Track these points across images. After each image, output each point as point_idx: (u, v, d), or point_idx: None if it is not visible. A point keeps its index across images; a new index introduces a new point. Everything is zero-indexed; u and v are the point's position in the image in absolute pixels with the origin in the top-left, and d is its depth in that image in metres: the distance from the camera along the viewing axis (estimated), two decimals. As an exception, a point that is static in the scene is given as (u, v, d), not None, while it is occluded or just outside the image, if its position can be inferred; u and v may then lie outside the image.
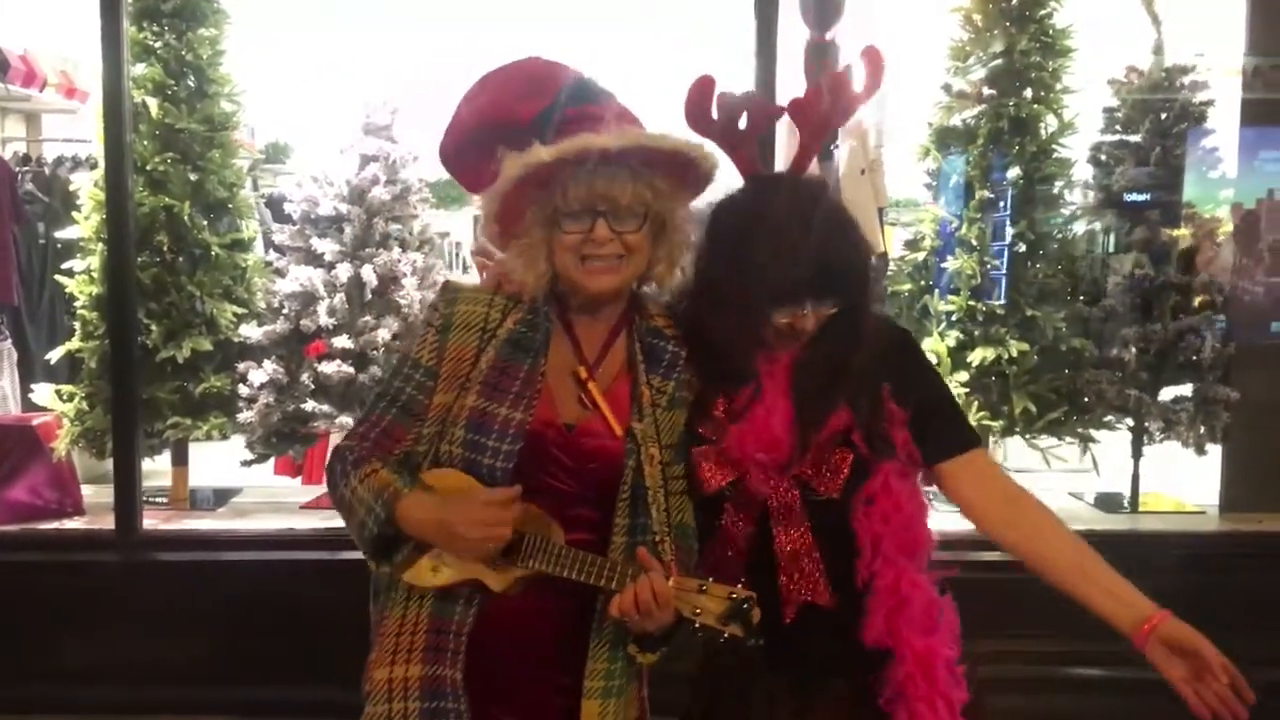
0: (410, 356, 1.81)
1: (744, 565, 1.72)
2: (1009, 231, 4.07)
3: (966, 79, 4.15)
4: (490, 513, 1.63)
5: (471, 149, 1.87)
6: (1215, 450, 4.20)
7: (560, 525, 1.70)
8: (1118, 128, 4.30)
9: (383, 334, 4.01)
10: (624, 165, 1.70)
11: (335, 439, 4.77)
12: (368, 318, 4.05)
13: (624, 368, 1.81)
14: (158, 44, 4.03)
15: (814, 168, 4.11)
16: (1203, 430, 4.11)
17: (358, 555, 3.95)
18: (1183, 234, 4.19)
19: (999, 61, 4.04)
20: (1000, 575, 2.21)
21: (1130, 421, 4.19)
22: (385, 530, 1.69)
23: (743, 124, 1.84)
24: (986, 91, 4.12)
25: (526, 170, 1.68)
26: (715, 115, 1.82)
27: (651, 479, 1.73)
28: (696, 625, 1.60)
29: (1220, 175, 4.16)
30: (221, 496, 4.36)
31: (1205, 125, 4.21)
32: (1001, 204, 4.09)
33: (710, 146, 1.80)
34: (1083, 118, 4.18)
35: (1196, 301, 4.19)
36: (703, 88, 1.82)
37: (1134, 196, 4.24)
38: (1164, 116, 4.20)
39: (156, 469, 4.35)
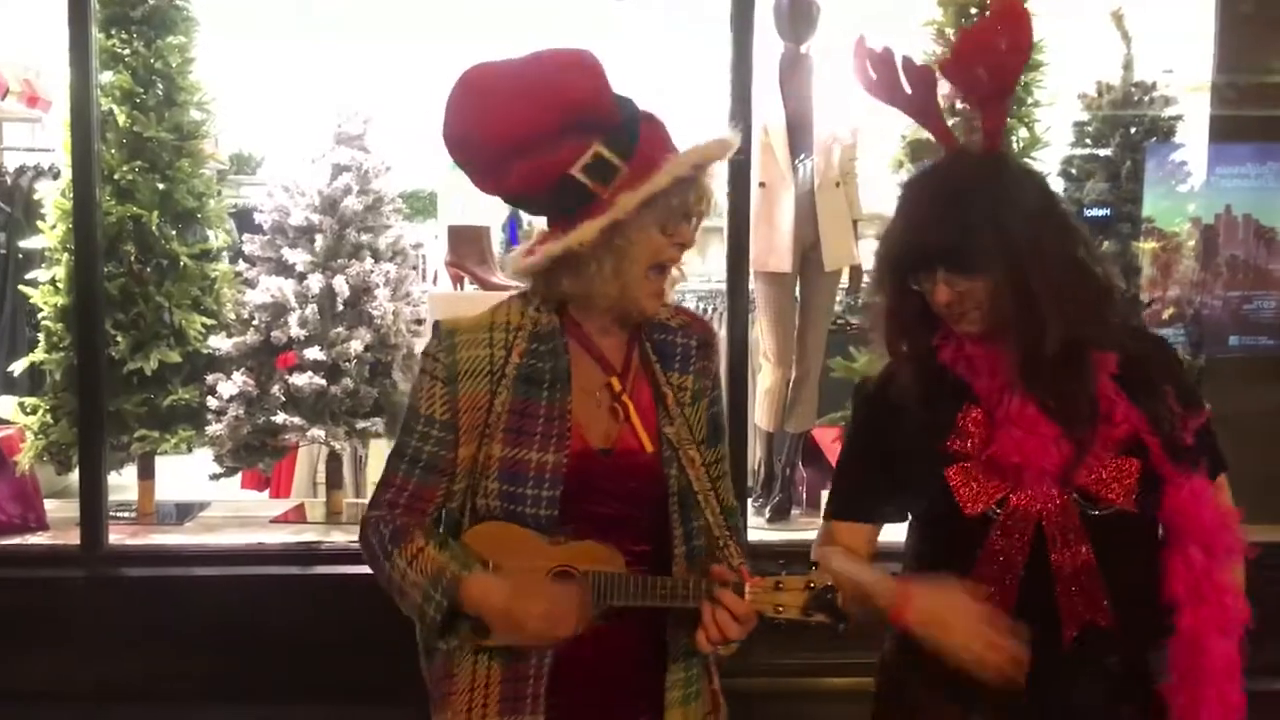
0: (419, 413, 1.73)
1: (1018, 589, 1.64)
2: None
3: (940, 93, 4.17)
4: (557, 609, 1.60)
5: (542, 140, 1.64)
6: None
7: (620, 550, 1.67)
8: (1088, 142, 4.33)
9: (355, 345, 3.96)
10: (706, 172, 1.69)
11: (302, 453, 4.74)
12: (340, 329, 4.00)
13: (644, 374, 1.79)
14: (126, 51, 3.96)
15: (789, 179, 4.16)
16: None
17: (329, 570, 3.94)
18: (1150, 247, 4.23)
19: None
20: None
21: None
22: (449, 617, 1.66)
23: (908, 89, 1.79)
24: (959, 105, 4.14)
25: (695, 171, 1.64)
26: (908, 87, 1.77)
27: (698, 482, 1.71)
28: (781, 622, 1.59)
29: (1189, 190, 4.20)
30: (188, 511, 4.28)
31: (1173, 140, 4.25)
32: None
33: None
34: (1053, 132, 4.22)
35: (1166, 314, 4.22)
36: (886, 59, 1.77)
37: (1103, 210, 4.27)
38: (1133, 131, 4.24)
39: (122, 483, 4.28)
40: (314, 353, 3.94)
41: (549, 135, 1.63)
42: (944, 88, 1.82)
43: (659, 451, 1.73)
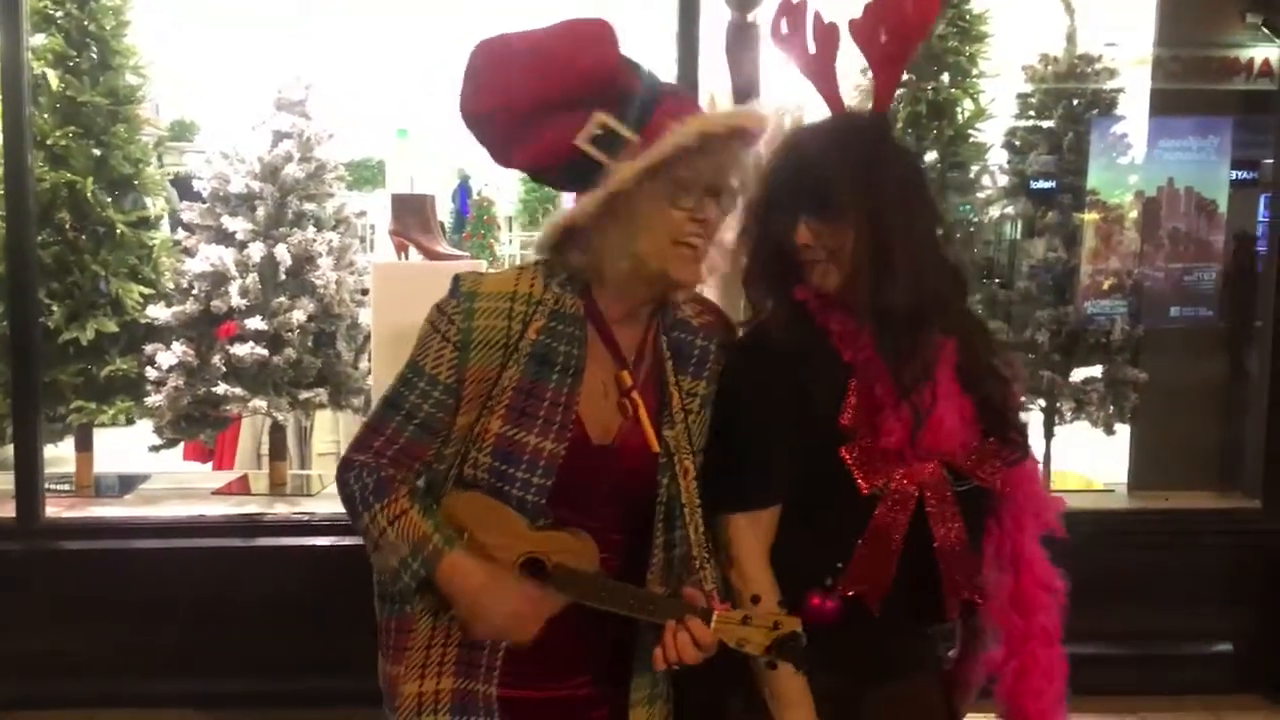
0: (423, 370, 1.66)
1: (898, 562, 1.64)
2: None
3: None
4: (524, 611, 1.60)
5: (547, 112, 1.61)
6: (1124, 430, 4.30)
7: (594, 539, 1.64)
8: (1031, 114, 4.36)
9: (297, 315, 3.91)
10: (740, 150, 1.63)
11: (246, 424, 4.68)
12: (282, 298, 3.94)
13: (651, 366, 1.72)
14: (58, 13, 3.87)
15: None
16: (1112, 410, 4.21)
17: (272, 542, 3.91)
18: (1092, 218, 4.27)
19: (937, 46, 4.07)
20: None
21: (1043, 402, 4.27)
22: (421, 585, 1.65)
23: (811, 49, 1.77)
24: (905, 75, 4.15)
25: (701, 140, 1.56)
26: (813, 45, 1.75)
27: (687, 495, 1.65)
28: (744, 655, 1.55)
29: (1130, 162, 4.25)
30: (128, 483, 4.22)
31: (1115, 113, 4.28)
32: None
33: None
34: (998, 103, 4.25)
35: (1106, 285, 4.27)
36: (799, 13, 1.75)
37: (1046, 182, 4.31)
38: (1076, 103, 4.27)
39: (60, 455, 4.21)
40: (255, 322, 3.89)
41: (555, 106, 1.60)
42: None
43: (643, 456, 1.67)
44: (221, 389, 3.87)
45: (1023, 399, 1.82)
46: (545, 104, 1.60)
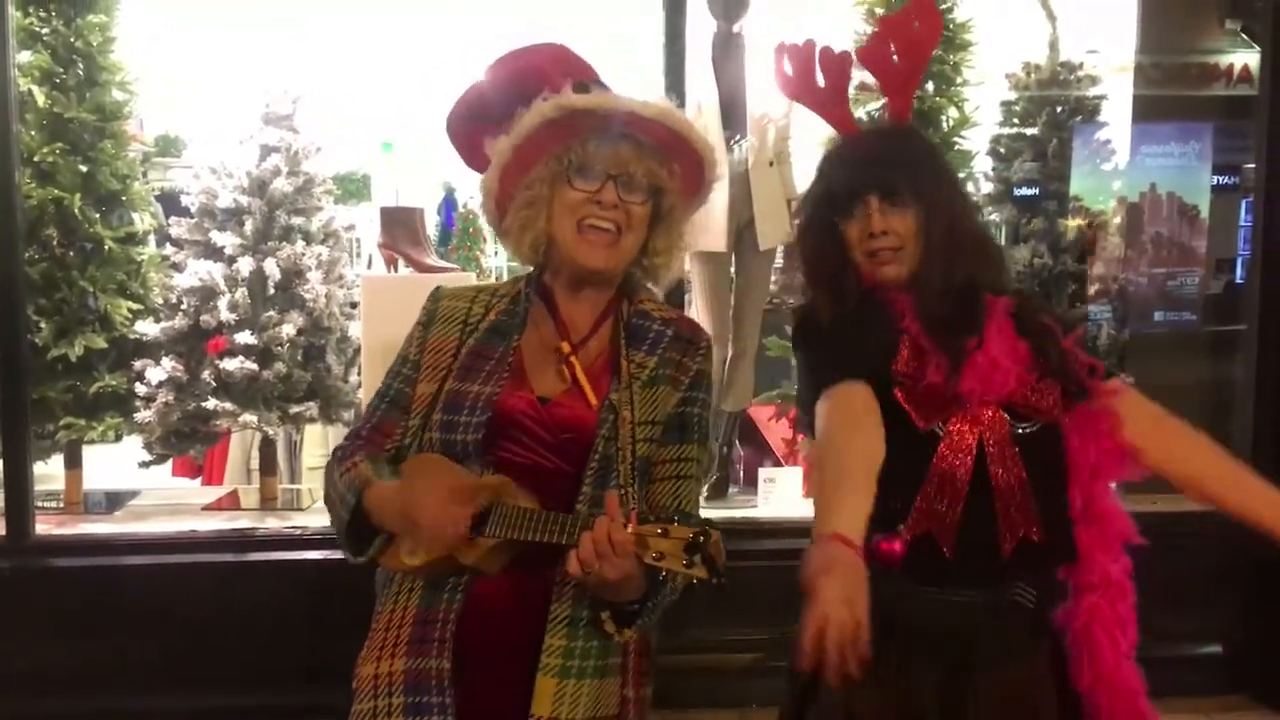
0: (402, 355, 1.87)
1: (964, 507, 1.69)
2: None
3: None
4: (443, 502, 1.62)
5: (486, 117, 1.85)
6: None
7: (538, 497, 1.68)
8: (1015, 121, 4.40)
9: (287, 329, 3.91)
10: (646, 139, 1.75)
11: (235, 439, 4.68)
12: (271, 313, 3.94)
13: (608, 350, 1.82)
14: (45, 30, 3.86)
15: (722, 158, 4.17)
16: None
17: (263, 557, 3.91)
18: (1078, 225, 4.30)
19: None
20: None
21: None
22: (357, 519, 1.71)
23: (820, 82, 1.89)
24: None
25: (561, 112, 1.70)
26: (821, 80, 1.88)
27: (623, 439, 1.72)
28: (662, 574, 1.56)
29: (1113, 168, 4.28)
30: (118, 499, 4.21)
31: (1097, 120, 4.32)
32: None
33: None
34: (982, 111, 4.28)
35: (1092, 290, 4.31)
36: (805, 53, 1.88)
37: (1031, 188, 4.34)
38: (1059, 110, 4.31)
39: (49, 472, 4.19)
40: (245, 337, 3.89)
41: (506, 108, 1.78)
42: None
43: (584, 417, 1.75)
44: (211, 404, 3.87)
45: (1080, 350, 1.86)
46: (496, 106, 1.82)
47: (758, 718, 3.36)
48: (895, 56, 1.85)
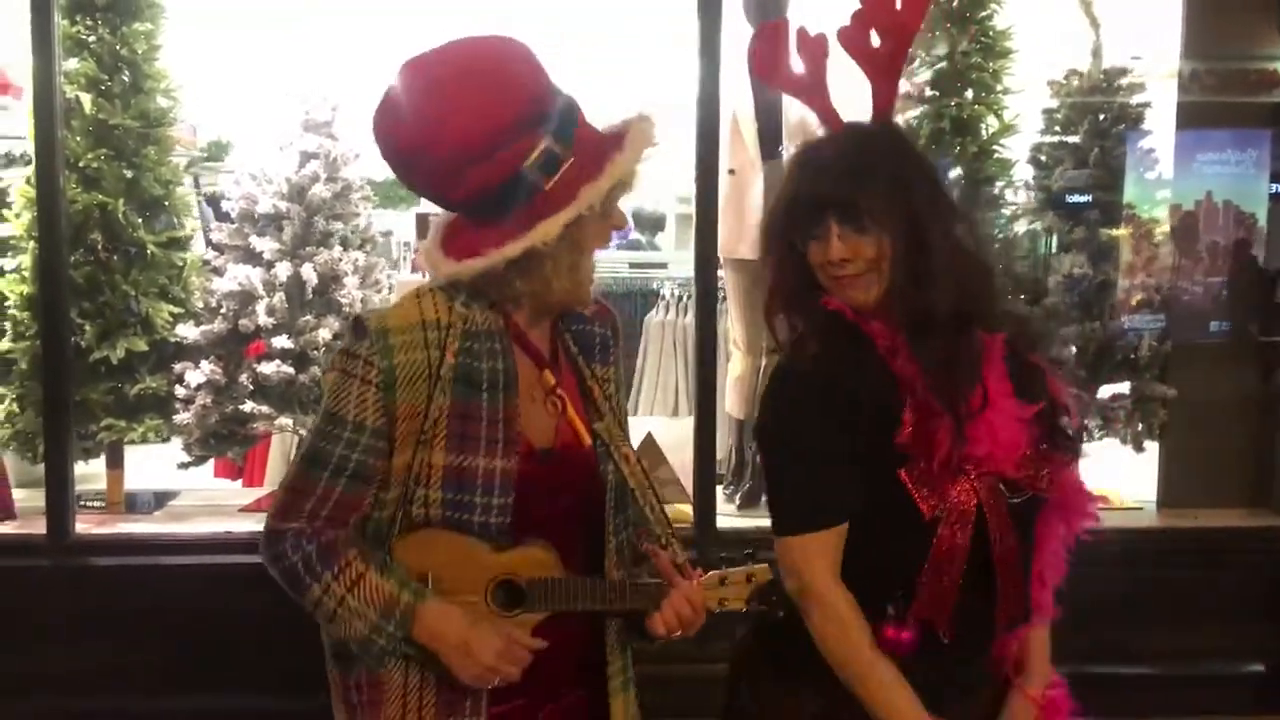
0: (345, 419, 1.59)
1: (960, 586, 1.58)
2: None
3: (911, 80, 4.17)
4: (513, 647, 1.59)
5: (499, 137, 1.57)
6: (1153, 447, 4.26)
7: (555, 548, 1.64)
8: (1057, 129, 4.34)
9: (323, 334, 3.95)
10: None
11: (276, 440, 4.73)
12: (308, 317, 3.99)
13: (569, 368, 1.77)
14: (91, 38, 3.94)
15: (759, 166, 4.15)
16: (1140, 427, 4.17)
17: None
18: (1120, 234, 4.24)
19: (943, 64, 4.07)
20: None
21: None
22: (399, 646, 1.60)
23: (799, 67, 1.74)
24: (928, 92, 4.15)
25: (629, 178, 1.61)
26: (799, 65, 1.72)
27: (635, 479, 1.68)
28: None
29: (1157, 177, 4.21)
30: (159, 500, 4.27)
31: (1142, 127, 4.25)
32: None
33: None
34: (1023, 119, 4.22)
35: (1134, 301, 4.24)
36: (779, 35, 1.73)
37: (1073, 197, 4.28)
38: (1102, 118, 4.24)
39: (94, 472, 4.27)
40: (282, 341, 3.94)
41: (503, 134, 1.56)
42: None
43: (579, 449, 1.70)
44: (249, 407, 3.92)
45: (1069, 398, 1.75)
46: (490, 134, 1.56)
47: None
48: (877, 39, 1.67)
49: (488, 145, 1.56)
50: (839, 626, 1.59)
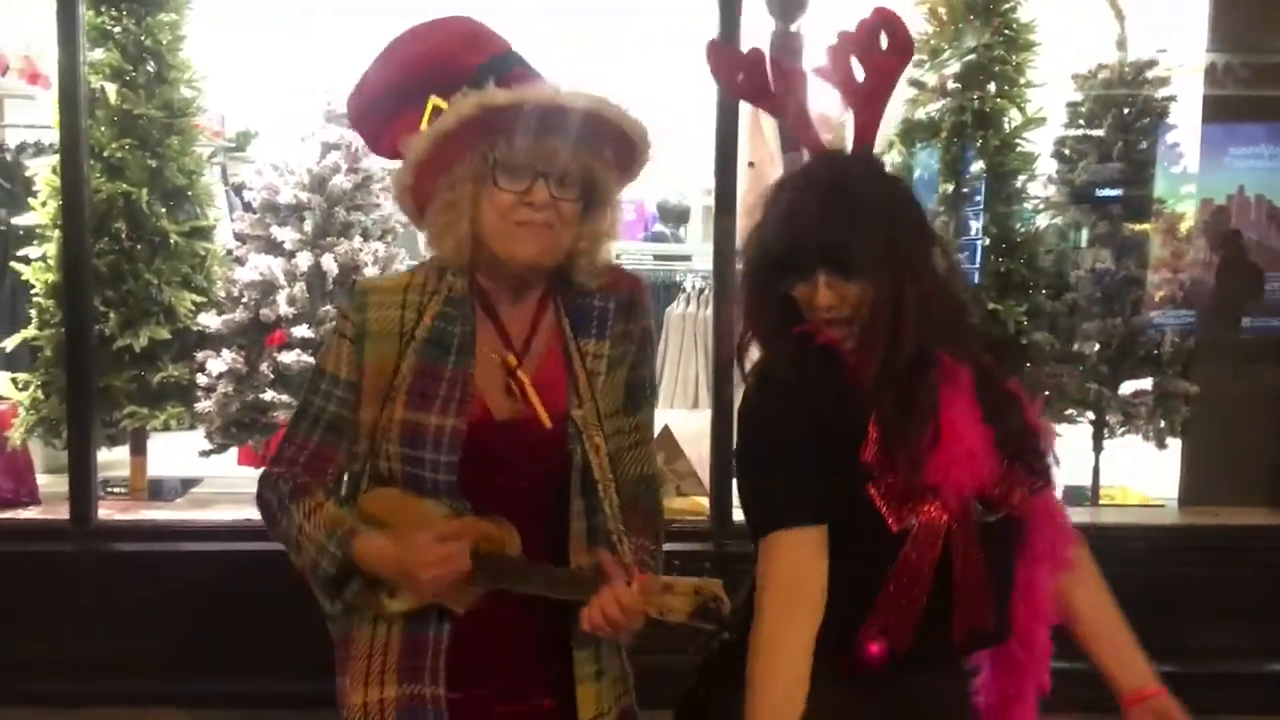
0: (325, 371, 1.71)
1: (927, 596, 1.56)
2: (974, 226, 4.08)
3: (939, 73, 4.15)
4: (443, 550, 1.59)
5: (392, 101, 1.69)
6: (1175, 444, 4.22)
7: (516, 526, 1.65)
8: (1081, 122, 4.30)
9: (343, 324, 3.97)
10: (575, 128, 1.61)
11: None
12: (328, 307, 4.01)
13: (555, 343, 1.73)
14: (116, 29, 3.98)
15: (778, 159, 4.15)
16: (1162, 424, 4.14)
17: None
18: (1144, 228, 4.20)
19: (971, 57, 4.04)
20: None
21: (1091, 415, 4.20)
22: (342, 570, 1.65)
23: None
24: (951, 85, 4.12)
25: (482, 111, 1.57)
26: (779, 89, 1.67)
27: (600, 470, 1.67)
28: (666, 624, 1.55)
29: (1182, 171, 4.17)
30: (182, 487, 4.32)
31: (1168, 121, 4.21)
32: (976, 198, 4.09)
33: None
34: (1046, 112, 4.19)
35: (1158, 296, 4.21)
36: (754, 59, 1.68)
37: (1096, 191, 4.24)
38: (1126, 112, 4.20)
39: (120, 459, 4.31)
40: (302, 331, 3.96)
41: (401, 96, 1.67)
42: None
43: (560, 428, 1.68)
44: (269, 395, 3.95)
45: (1044, 421, 1.72)
46: (389, 94, 1.70)
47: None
48: (859, 74, 1.61)
49: (385, 104, 1.70)
50: (788, 620, 1.55)
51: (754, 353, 1.70)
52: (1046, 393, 3.92)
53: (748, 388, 1.68)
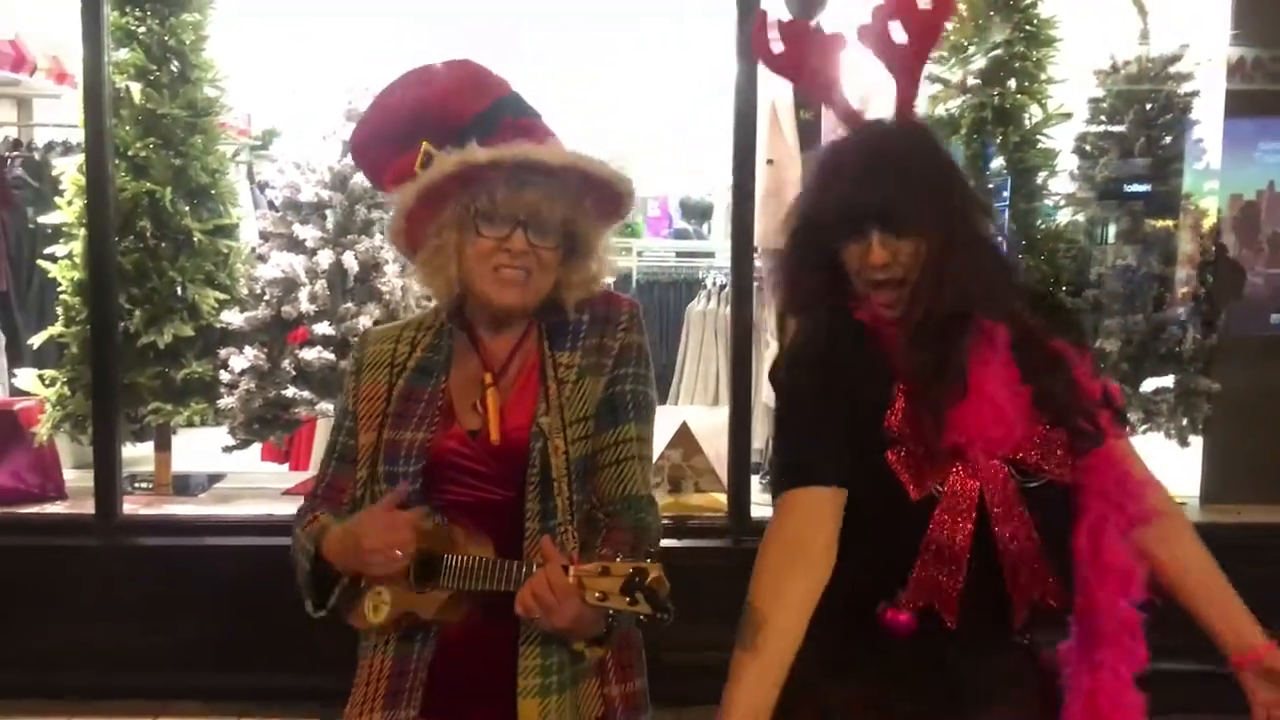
0: (341, 409, 1.86)
1: (965, 575, 1.53)
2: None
3: (966, 69, 4.13)
4: (384, 520, 1.64)
5: (389, 141, 1.78)
6: (1198, 442, 4.19)
7: (490, 537, 1.69)
8: (1102, 118, 4.27)
9: (364, 321, 4.01)
10: (555, 180, 1.69)
11: (320, 425, 4.80)
12: (349, 304, 4.05)
13: (533, 362, 1.79)
14: (140, 29, 4.02)
15: (797, 157, 4.14)
16: (1184, 422, 4.11)
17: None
18: (1167, 224, 4.17)
19: (997, 52, 4.02)
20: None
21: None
22: (317, 568, 1.73)
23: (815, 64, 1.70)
24: (971, 82, 4.11)
25: (463, 168, 1.65)
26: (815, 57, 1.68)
27: (557, 469, 1.70)
28: (610, 613, 1.54)
29: (1205, 166, 4.14)
30: (206, 482, 4.37)
31: (1191, 116, 4.18)
32: (1004, 193, 4.08)
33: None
34: (1067, 108, 4.17)
35: (1180, 293, 4.18)
36: (798, 31, 1.69)
37: (1119, 187, 4.22)
38: (1149, 107, 4.18)
39: (147, 455, 4.37)
40: (323, 328, 4.00)
41: (398, 138, 1.75)
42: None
43: (515, 440, 1.72)
44: (290, 392, 3.99)
45: (1106, 380, 1.68)
46: (385, 140, 1.78)
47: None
48: (900, 34, 1.61)
49: (391, 144, 1.76)
50: (786, 572, 1.53)
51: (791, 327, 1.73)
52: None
53: (792, 344, 1.71)
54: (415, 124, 1.74)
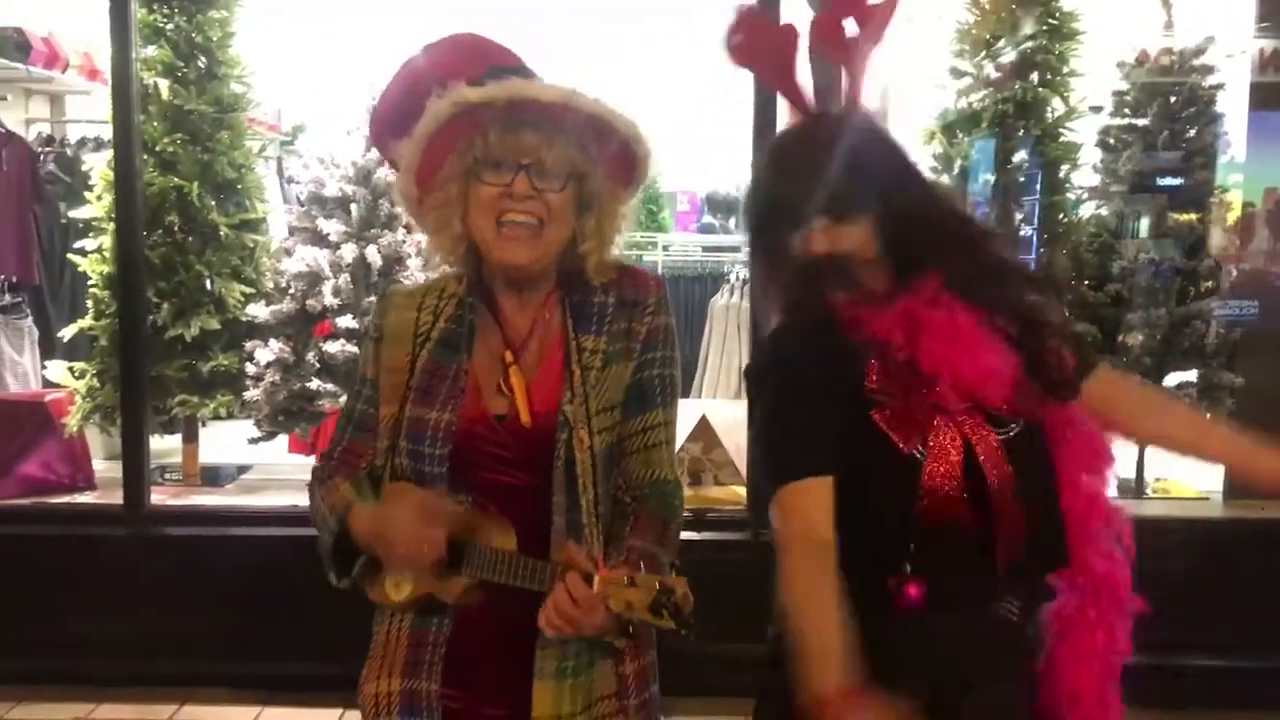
0: (360, 374, 1.82)
1: (958, 524, 1.57)
2: (1018, 216, 4.06)
3: (994, 61, 4.12)
4: (417, 523, 1.62)
5: (402, 117, 1.73)
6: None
7: (512, 523, 1.66)
8: (1126, 111, 4.25)
9: (387, 315, 4.05)
10: (555, 124, 1.63)
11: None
12: (372, 298, 4.09)
13: (556, 341, 1.74)
14: (168, 26, 4.09)
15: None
16: (1207, 416, 4.08)
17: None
18: (1191, 218, 4.15)
19: (1027, 45, 4.01)
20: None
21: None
22: (341, 544, 1.71)
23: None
24: (993, 75, 4.10)
25: (456, 109, 1.60)
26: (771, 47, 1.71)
27: (582, 465, 1.67)
28: (632, 623, 1.53)
29: (1229, 159, 4.11)
30: (233, 474, 4.44)
31: (1215, 109, 4.15)
32: (1033, 188, 4.07)
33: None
34: (1091, 101, 4.15)
35: (1204, 287, 4.15)
36: (754, 20, 1.72)
37: (1143, 180, 4.19)
38: (1173, 100, 4.15)
39: (176, 446, 4.44)
40: (347, 321, 4.05)
41: (408, 112, 1.69)
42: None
43: (546, 425, 1.68)
44: (315, 384, 4.04)
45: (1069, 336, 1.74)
46: (396, 109, 1.76)
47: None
48: (854, 28, 1.65)
49: (402, 119, 1.71)
50: (820, 570, 1.56)
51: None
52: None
53: (777, 331, 1.72)
54: (424, 95, 1.68)
